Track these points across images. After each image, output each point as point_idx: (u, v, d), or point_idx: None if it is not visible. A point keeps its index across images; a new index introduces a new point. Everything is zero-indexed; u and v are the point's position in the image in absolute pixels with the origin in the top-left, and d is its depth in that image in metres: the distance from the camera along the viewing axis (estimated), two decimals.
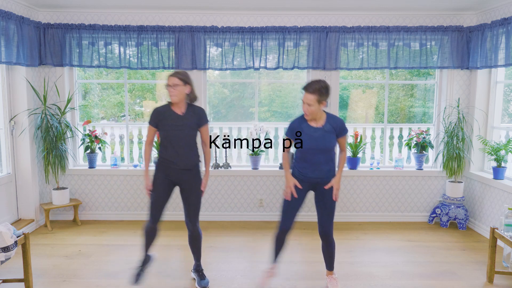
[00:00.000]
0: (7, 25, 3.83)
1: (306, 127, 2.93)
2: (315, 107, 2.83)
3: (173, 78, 2.94)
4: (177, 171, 3.04)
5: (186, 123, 3.00)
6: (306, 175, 2.98)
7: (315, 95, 2.80)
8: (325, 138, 2.90)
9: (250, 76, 5.81)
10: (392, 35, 4.56)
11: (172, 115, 3.00)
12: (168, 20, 4.60)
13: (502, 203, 4.13)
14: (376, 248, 4.04)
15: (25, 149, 4.40)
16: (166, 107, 3.04)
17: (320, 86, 2.82)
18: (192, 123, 3.03)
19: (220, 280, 3.31)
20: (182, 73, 2.98)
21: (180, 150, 3.00)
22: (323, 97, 2.83)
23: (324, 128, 2.91)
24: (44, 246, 4.02)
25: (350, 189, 4.88)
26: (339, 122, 2.97)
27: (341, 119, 3.00)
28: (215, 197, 4.89)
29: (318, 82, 2.84)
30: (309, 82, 2.87)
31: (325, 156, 2.94)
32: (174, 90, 2.93)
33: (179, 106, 3.02)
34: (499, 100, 4.52)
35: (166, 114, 3.01)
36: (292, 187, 3.00)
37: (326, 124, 2.93)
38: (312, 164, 2.94)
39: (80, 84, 5.15)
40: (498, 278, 3.36)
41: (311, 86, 2.82)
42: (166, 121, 2.99)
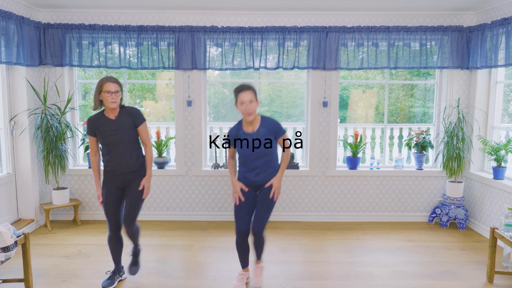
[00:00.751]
0: (7, 25, 3.83)
1: (243, 134, 3.01)
2: (254, 104, 2.91)
3: (114, 85, 2.91)
4: (122, 175, 3.04)
5: (121, 126, 2.99)
6: (248, 179, 3.06)
7: (251, 91, 2.90)
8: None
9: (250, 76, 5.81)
10: (392, 35, 4.56)
11: (106, 121, 2.99)
12: (168, 20, 4.60)
13: (502, 203, 4.13)
14: (376, 248, 4.04)
15: (25, 149, 4.40)
16: (99, 115, 3.02)
17: (249, 84, 2.95)
18: (127, 125, 3.00)
19: (220, 280, 3.31)
20: (117, 79, 2.97)
21: (120, 153, 3.00)
22: (256, 94, 2.94)
23: (259, 133, 2.98)
24: (44, 246, 4.02)
25: (350, 189, 4.88)
26: (274, 124, 3.02)
27: (276, 121, 3.04)
28: (215, 197, 4.89)
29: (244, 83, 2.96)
30: (239, 85, 2.96)
31: (264, 159, 3.01)
32: (116, 97, 2.92)
33: (113, 111, 3.00)
34: (499, 100, 4.52)
35: (100, 121, 3.00)
36: (238, 191, 3.06)
37: (261, 128, 2.99)
38: (252, 168, 3.02)
39: (80, 84, 5.15)
40: (498, 278, 3.36)
41: (243, 85, 2.92)
42: (101, 128, 2.98)
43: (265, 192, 3.05)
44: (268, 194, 3.03)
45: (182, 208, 4.89)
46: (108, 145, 3.00)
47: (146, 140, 3.11)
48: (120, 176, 3.04)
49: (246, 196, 3.07)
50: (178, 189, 4.87)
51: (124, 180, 3.06)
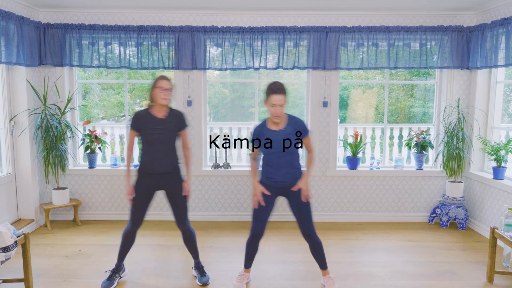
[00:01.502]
0: (7, 25, 3.83)
1: (267, 132, 2.96)
2: (283, 108, 2.87)
3: (168, 82, 2.96)
4: (159, 175, 3.05)
5: (167, 126, 3.01)
6: (272, 179, 3.00)
7: (284, 94, 2.85)
8: (287, 141, 2.93)
9: (250, 76, 5.81)
10: (392, 35, 4.56)
11: (153, 119, 3.00)
12: (168, 20, 4.60)
13: (502, 203, 4.13)
14: (376, 248, 4.04)
15: (25, 149, 4.40)
16: (146, 111, 3.04)
17: (283, 85, 2.87)
18: (172, 127, 3.04)
19: (220, 280, 3.31)
20: (170, 78, 3.00)
21: (161, 153, 3.01)
22: (287, 96, 2.89)
23: (285, 131, 2.94)
24: (44, 246, 4.02)
25: (350, 189, 4.88)
26: (300, 123, 2.99)
27: (301, 120, 3.02)
28: (215, 197, 4.89)
29: (279, 82, 2.87)
30: (271, 84, 2.88)
31: (289, 158, 2.97)
32: (168, 94, 2.96)
33: (160, 110, 3.03)
34: (499, 100, 4.52)
35: (147, 118, 3.01)
36: (259, 195, 3.02)
37: (287, 127, 2.96)
38: (277, 168, 2.97)
39: (80, 84, 5.15)
40: (498, 278, 3.36)
41: (278, 87, 2.83)
42: (147, 125, 2.99)
43: (297, 197, 2.99)
44: (300, 198, 2.99)
45: None
46: (150, 143, 3.01)
47: (188, 143, 3.21)
48: (157, 176, 3.05)
49: (266, 200, 3.02)
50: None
51: (159, 181, 3.06)
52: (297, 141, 2.95)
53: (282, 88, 2.85)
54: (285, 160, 2.96)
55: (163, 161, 3.02)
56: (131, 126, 3.05)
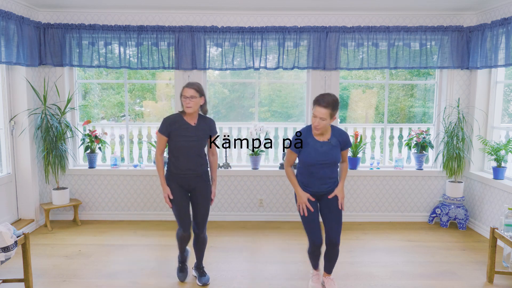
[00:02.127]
0: (7, 25, 3.83)
1: (312, 141, 2.87)
2: (327, 122, 2.76)
3: (190, 90, 2.97)
4: (188, 179, 3.09)
5: (198, 134, 3.05)
6: (311, 189, 2.95)
7: (329, 109, 2.72)
8: (332, 152, 2.87)
9: (250, 76, 5.81)
10: (392, 35, 4.56)
11: (184, 125, 3.03)
12: (168, 20, 4.60)
13: (502, 203, 4.13)
14: (376, 248, 4.04)
15: (25, 149, 4.40)
16: (178, 117, 3.06)
17: (332, 99, 2.74)
18: (204, 134, 3.09)
19: (220, 280, 3.31)
20: (197, 85, 3.01)
21: (191, 159, 3.05)
22: (334, 111, 2.77)
23: (330, 142, 2.88)
24: (44, 246, 4.02)
25: (350, 189, 4.88)
26: (345, 135, 2.95)
27: (346, 133, 2.97)
28: (215, 197, 4.88)
29: (330, 95, 2.76)
30: (321, 95, 2.78)
31: (331, 169, 2.92)
32: (191, 102, 2.97)
33: (192, 116, 3.06)
34: (499, 100, 4.52)
35: (178, 124, 3.03)
36: (306, 202, 2.92)
37: (332, 138, 2.90)
38: (317, 178, 2.91)
39: (80, 84, 5.15)
40: (498, 278, 3.36)
41: (324, 100, 2.72)
42: (178, 131, 3.01)
43: (332, 204, 2.95)
44: (336, 205, 2.95)
45: None
46: (181, 149, 3.02)
47: (215, 150, 3.27)
48: (187, 180, 3.08)
49: (314, 206, 2.97)
50: None
51: (190, 184, 3.10)
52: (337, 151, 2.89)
53: (326, 100, 2.72)
54: (327, 171, 2.90)
55: (193, 166, 3.06)
56: (161, 130, 3.04)
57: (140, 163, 5.02)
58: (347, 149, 3.00)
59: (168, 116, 3.08)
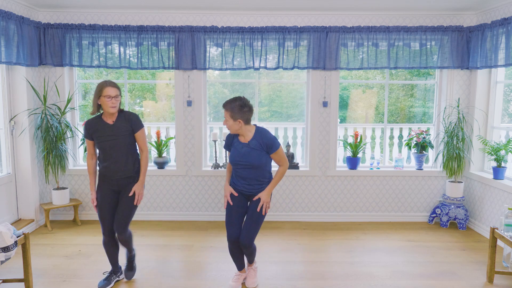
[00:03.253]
0: (7, 25, 3.83)
1: (236, 142, 3.03)
2: (230, 123, 2.91)
3: (115, 89, 2.91)
4: (117, 180, 3.03)
5: (118, 131, 2.98)
6: (237, 188, 3.06)
7: (228, 111, 2.90)
8: (250, 154, 2.95)
9: (250, 76, 5.81)
10: (392, 35, 4.56)
11: (103, 125, 2.98)
12: (168, 20, 4.60)
13: (502, 203, 4.13)
14: (376, 248, 4.04)
15: (25, 149, 4.40)
16: (97, 119, 3.01)
17: (234, 104, 2.89)
18: (124, 131, 2.99)
19: (220, 280, 3.31)
20: (116, 83, 2.97)
21: (117, 159, 2.98)
22: (236, 114, 2.88)
23: (249, 144, 2.96)
24: (44, 246, 4.02)
25: (350, 189, 4.88)
26: (267, 139, 2.96)
27: (270, 136, 2.98)
28: (215, 197, 4.88)
29: (235, 100, 2.91)
30: (229, 99, 2.95)
31: (255, 172, 2.98)
32: (116, 102, 2.92)
33: (111, 116, 2.98)
34: (499, 100, 4.52)
35: (97, 125, 2.99)
36: (227, 196, 3.05)
37: (252, 140, 2.96)
38: (242, 178, 3.02)
39: (80, 84, 5.15)
40: (498, 278, 3.36)
41: (226, 104, 2.92)
42: (98, 133, 2.97)
43: (254, 206, 3.01)
44: (256, 208, 2.99)
45: (182, 208, 4.89)
46: (104, 150, 2.98)
47: (143, 145, 3.09)
48: (115, 181, 3.03)
49: (237, 203, 3.04)
50: (178, 189, 4.87)
51: (119, 185, 3.05)
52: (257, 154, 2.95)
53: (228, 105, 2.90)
54: (249, 172, 2.98)
55: (119, 166, 2.98)
56: (84, 135, 3.05)
57: None
58: (275, 152, 2.98)
59: (88, 120, 3.04)
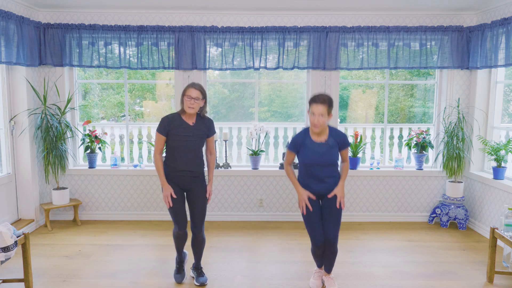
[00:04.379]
0: (7, 25, 3.83)
1: (310, 142, 2.94)
2: (325, 118, 2.84)
3: (195, 91, 2.97)
4: (185, 178, 3.09)
5: (196, 133, 3.05)
6: (311, 189, 3.00)
7: (325, 105, 2.82)
8: (329, 153, 2.93)
9: (250, 76, 5.81)
10: (392, 35, 4.56)
11: (183, 124, 3.02)
12: (168, 20, 4.60)
13: (502, 203, 4.13)
14: (376, 248, 4.04)
15: (25, 149, 4.40)
16: (177, 116, 3.05)
17: (328, 97, 2.86)
18: (202, 134, 3.09)
19: (220, 280, 3.31)
20: (202, 87, 3.03)
21: (188, 159, 3.04)
22: (331, 107, 2.86)
23: (328, 143, 2.94)
24: (44, 246, 4.02)
25: (350, 189, 4.88)
26: (342, 136, 3.00)
27: (343, 133, 3.03)
28: (215, 197, 4.88)
29: (325, 94, 2.88)
30: (316, 94, 2.88)
31: (330, 169, 2.97)
32: (195, 103, 2.97)
33: (191, 116, 3.05)
34: (499, 100, 4.52)
35: (176, 123, 3.02)
36: (306, 200, 2.97)
37: (330, 139, 2.95)
38: (317, 178, 2.97)
39: (80, 84, 5.15)
40: (498, 278, 3.36)
41: (320, 97, 2.83)
42: (176, 131, 3.01)
43: (331, 203, 2.98)
44: (334, 204, 2.97)
45: None
46: (178, 149, 3.02)
47: (213, 149, 3.27)
48: (184, 179, 3.08)
49: (315, 206, 3.00)
50: None
51: (186, 183, 3.11)
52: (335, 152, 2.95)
53: (322, 98, 2.82)
54: (325, 171, 2.95)
55: (189, 166, 3.06)
56: (159, 130, 3.04)
57: (140, 163, 5.02)
58: (346, 148, 3.03)
59: (167, 116, 3.07)
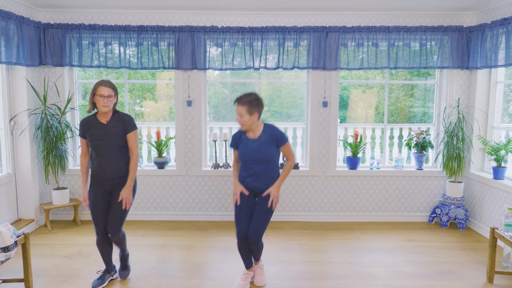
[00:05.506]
0: (7, 25, 3.83)
1: (245, 139, 3.06)
2: (246, 118, 2.94)
3: (107, 89, 2.92)
4: (108, 180, 3.03)
5: (110, 131, 2.98)
6: (247, 184, 3.08)
7: (245, 106, 2.93)
8: (260, 149, 3.00)
9: (250, 76, 5.81)
10: (392, 35, 4.56)
11: (96, 124, 2.99)
12: (168, 20, 4.60)
13: (502, 203, 4.13)
14: (376, 248, 4.04)
15: (25, 149, 4.39)
16: (92, 117, 3.03)
17: (250, 98, 2.95)
18: (117, 131, 3.00)
19: (220, 280, 3.31)
20: (112, 83, 2.98)
21: (108, 158, 2.99)
22: (253, 108, 2.94)
23: (260, 139, 3.01)
24: (44, 246, 4.02)
25: (350, 189, 4.88)
26: (276, 132, 3.05)
27: (278, 129, 3.07)
28: (215, 197, 4.89)
29: (250, 95, 2.97)
30: (241, 94, 2.99)
31: (265, 166, 3.03)
32: (108, 101, 2.92)
33: (105, 115, 3.00)
34: (499, 100, 4.52)
35: (91, 124, 3.00)
36: (237, 194, 3.09)
37: (262, 135, 3.03)
38: (252, 174, 3.05)
39: (80, 84, 5.15)
40: (498, 278, 3.36)
41: (242, 99, 2.95)
42: (91, 131, 2.98)
43: (263, 201, 3.05)
44: (266, 203, 3.02)
45: (182, 208, 4.89)
46: (96, 149, 2.99)
47: (134, 148, 3.05)
48: (106, 181, 3.03)
49: (246, 200, 3.08)
50: (178, 189, 4.87)
51: (110, 185, 3.05)
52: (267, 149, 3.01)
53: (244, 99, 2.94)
54: (260, 167, 3.03)
55: (110, 166, 2.99)
56: (79, 133, 3.06)
57: (140, 163, 5.02)
58: (284, 145, 3.06)
59: (83, 119, 3.06)
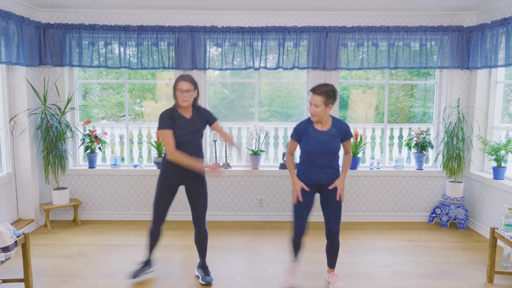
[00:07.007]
0: (7, 25, 3.83)
1: (312, 130, 2.99)
2: (321, 109, 2.89)
3: (185, 83, 2.94)
4: (183, 172, 3.07)
5: (194, 125, 3.04)
6: (310, 178, 3.03)
7: (322, 96, 2.86)
8: (330, 142, 2.97)
9: (250, 76, 5.81)
10: (392, 35, 4.56)
11: (181, 118, 3.02)
12: (168, 20, 4.60)
13: (502, 203, 4.13)
14: (376, 248, 4.04)
15: (25, 149, 4.39)
16: (174, 111, 3.04)
17: (327, 89, 2.88)
18: (200, 125, 3.07)
19: (220, 280, 3.31)
20: (191, 77, 3.00)
21: (188, 152, 3.02)
22: (329, 99, 2.89)
23: (330, 132, 2.98)
24: (44, 246, 4.02)
25: (350, 189, 4.88)
26: (345, 126, 3.04)
27: (346, 124, 3.06)
28: (215, 197, 4.88)
29: (326, 85, 2.90)
30: (317, 84, 2.92)
31: (330, 159, 3.00)
32: (187, 95, 2.95)
33: (187, 109, 3.04)
34: (499, 100, 4.52)
35: (176, 117, 3.02)
36: (298, 190, 3.02)
37: (332, 128, 2.99)
38: (317, 166, 3.00)
39: (80, 84, 5.15)
40: (498, 278, 3.36)
41: (319, 88, 2.88)
42: (176, 124, 3.00)
43: (331, 195, 3.03)
44: (334, 196, 3.02)
45: (182, 208, 4.89)
46: (178, 142, 3.00)
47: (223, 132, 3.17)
48: (180, 173, 3.07)
49: (306, 197, 3.04)
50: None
51: (184, 177, 3.10)
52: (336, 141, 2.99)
53: (321, 89, 2.86)
54: (326, 160, 2.99)
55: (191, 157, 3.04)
56: (163, 126, 2.97)
57: (140, 163, 5.02)
58: (348, 140, 3.07)
59: (165, 111, 3.05)
